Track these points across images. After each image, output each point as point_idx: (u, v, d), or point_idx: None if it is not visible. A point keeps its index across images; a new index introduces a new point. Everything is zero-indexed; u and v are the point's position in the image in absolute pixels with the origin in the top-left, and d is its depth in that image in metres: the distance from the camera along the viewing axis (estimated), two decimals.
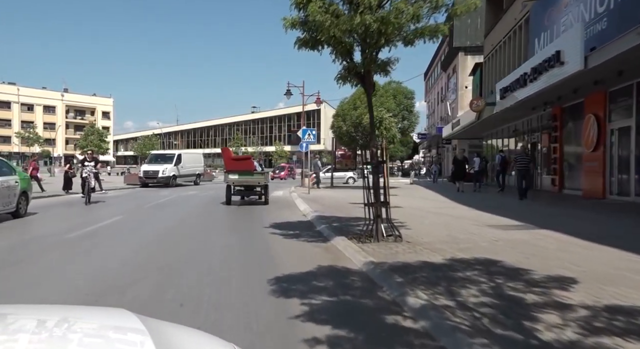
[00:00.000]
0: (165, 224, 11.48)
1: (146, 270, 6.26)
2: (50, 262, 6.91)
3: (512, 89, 17.62)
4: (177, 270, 6.25)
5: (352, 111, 25.04)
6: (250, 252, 7.56)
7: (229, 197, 16.09)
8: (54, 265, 6.70)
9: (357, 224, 9.45)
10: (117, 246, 8.49)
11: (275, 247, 7.96)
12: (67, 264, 6.81)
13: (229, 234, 9.77)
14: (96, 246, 8.30)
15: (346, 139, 25.62)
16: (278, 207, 15.54)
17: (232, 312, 4.44)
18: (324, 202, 15.80)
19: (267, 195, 16.33)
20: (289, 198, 19.74)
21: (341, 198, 17.92)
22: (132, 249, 7.99)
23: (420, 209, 13.59)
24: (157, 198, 19.25)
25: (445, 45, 56.53)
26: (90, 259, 7.22)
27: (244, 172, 15.74)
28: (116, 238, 9.37)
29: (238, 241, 8.79)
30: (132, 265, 6.63)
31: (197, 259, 6.96)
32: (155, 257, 7.22)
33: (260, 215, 13.05)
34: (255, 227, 10.52)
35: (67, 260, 7.11)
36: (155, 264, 6.64)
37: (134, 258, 7.17)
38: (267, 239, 8.73)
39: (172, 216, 13.33)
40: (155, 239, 9.17)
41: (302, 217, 12.40)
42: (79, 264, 6.88)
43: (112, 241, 9.04)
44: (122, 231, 10.31)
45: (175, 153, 32.37)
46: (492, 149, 31.02)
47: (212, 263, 6.70)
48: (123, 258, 7.17)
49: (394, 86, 25.43)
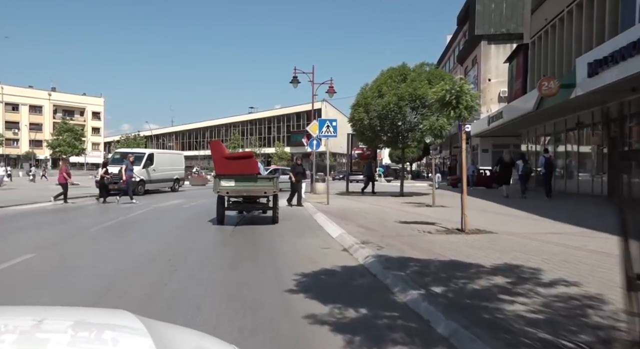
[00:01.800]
0: (105, 270, 6.38)
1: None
2: None
3: (614, 60, 12.67)
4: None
5: (377, 98, 20.11)
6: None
7: (221, 214, 11.12)
8: None
9: (485, 288, 4.46)
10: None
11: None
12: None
13: (215, 317, 4.46)
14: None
15: (369, 135, 20.62)
16: (294, 228, 10.54)
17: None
18: (361, 221, 10.81)
19: (276, 210, 11.36)
20: (302, 211, 14.74)
21: (378, 212, 12.92)
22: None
23: (535, 237, 8.56)
24: (117, 214, 14.11)
25: (461, 35, 51.85)
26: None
27: (244, 177, 10.77)
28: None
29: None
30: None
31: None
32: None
33: (271, 250, 7.97)
34: (267, 288, 5.37)
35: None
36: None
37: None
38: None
39: (123, 251, 8.20)
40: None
41: (345, 257, 7.18)
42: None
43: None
44: (14, 290, 5.27)
45: (145, 152, 26.08)
46: (528, 149, 26.14)
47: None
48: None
49: (429, 69, 20.48)
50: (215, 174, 10.92)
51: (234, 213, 12.88)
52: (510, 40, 41.48)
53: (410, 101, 19.29)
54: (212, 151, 10.93)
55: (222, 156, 10.77)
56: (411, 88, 19.31)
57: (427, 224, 10.08)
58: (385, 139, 20.62)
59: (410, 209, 14.20)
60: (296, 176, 16.56)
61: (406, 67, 21.07)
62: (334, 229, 9.63)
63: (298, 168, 16.93)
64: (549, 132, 23.64)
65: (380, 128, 20.25)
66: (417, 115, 19.34)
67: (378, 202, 16.88)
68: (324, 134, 15.86)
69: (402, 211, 13.53)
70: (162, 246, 8.43)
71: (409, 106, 19.26)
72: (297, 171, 16.76)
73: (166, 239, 9.32)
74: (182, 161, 29.46)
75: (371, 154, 25.17)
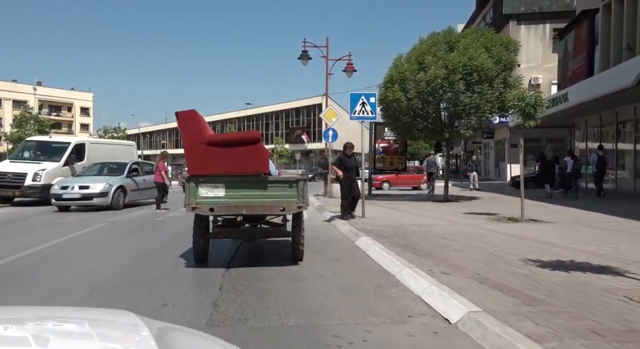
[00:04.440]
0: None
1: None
2: None
3: None
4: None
5: (419, 72, 15.12)
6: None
7: (201, 248, 6.26)
8: None
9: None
10: None
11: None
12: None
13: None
14: None
15: (407, 121, 15.63)
16: (336, 276, 5.50)
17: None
18: (457, 260, 5.80)
19: (300, 237, 6.33)
20: (331, 229, 9.74)
21: (461, 236, 7.93)
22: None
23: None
24: (52, 233, 9.18)
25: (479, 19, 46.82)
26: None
27: (243, 179, 5.85)
28: None
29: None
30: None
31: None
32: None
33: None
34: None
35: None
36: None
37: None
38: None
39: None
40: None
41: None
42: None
43: None
44: None
45: (70, 142, 17.94)
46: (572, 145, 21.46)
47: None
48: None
49: (488, 35, 15.50)
50: (189, 175, 5.91)
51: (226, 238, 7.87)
52: (543, 19, 36.76)
53: (465, 74, 14.34)
54: (183, 129, 5.84)
55: (201, 139, 5.71)
56: (465, 58, 14.35)
57: (594, 270, 5.19)
58: (429, 126, 15.62)
59: (497, 227, 9.27)
60: (346, 172, 10.47)
61: (453, 33, 16.12)
62: (425, 286, 4.67)
63: (349, 161, 10.75)
64: (626, 119, 18.75)
65: (423, 111, 15.27)
66: (474, 93, 14.36)
67: (432, 214, 11.93)
68: (359, 116, 10.85)
69: (491, 231, 8.59)
70: None
71: (463, 81, 14.30)
72: (347, 165, 10.55)
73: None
74: (133, 154, 21.15)
75: (400, 148, 20.13)
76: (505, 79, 14.86)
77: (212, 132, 6.23)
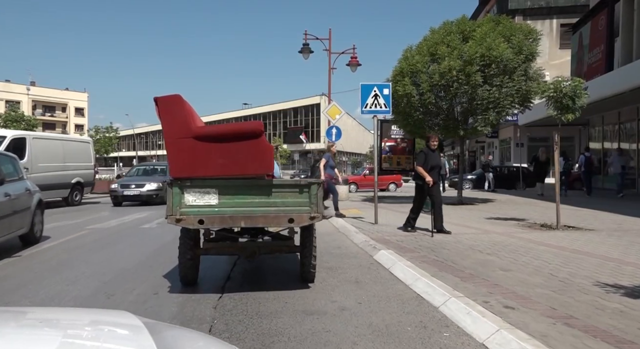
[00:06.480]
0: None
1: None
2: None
3: None
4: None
5: (432, 63, 13.89)
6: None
7: (190, 268, 5.01)
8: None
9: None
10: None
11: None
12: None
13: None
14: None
15: (419, 117, 14.37)
16: (360, 310, 4.25)
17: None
18: (510, 285, 4.57)
19: (312, 254, 5.08)
20: (343, 240, 8.47)
21: (500, 249, 6.68)
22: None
23: None
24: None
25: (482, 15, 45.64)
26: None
27: (240, 183, 4.60)
28: None
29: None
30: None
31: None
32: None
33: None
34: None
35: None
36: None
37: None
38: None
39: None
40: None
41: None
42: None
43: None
44: None
45: (5, 136, 14.22)
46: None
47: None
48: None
49: (506, 24, 14.26)
50: (171, 178, 4.68)
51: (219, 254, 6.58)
52: (550, 14, 35.69)
53: (483, 65, 13.11)
54: (163, 118, 4.48)
55: (188, 132, 4.43)
56: (483, 48, 13.11)
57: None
58: (441, 123, 14.36)
59: (535, 236, 8.02)
60: (431, 172, 8.17)
61: (467, 21, 14.89)
62: (491, 330, 3.43)
63: (434, 157, 8.40)
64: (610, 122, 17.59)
65: (436, 107, 14.03)
66: (493, 86, 13.13)
67: (452, 219, 10.63)
68: (370, 109, 9.59)
69: (531, 242, 7.35)
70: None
71: (480, 73, 13.07)
72: (433, 163, 8.27)
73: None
74: (88, 152, 17.80)
75: (407, 147, 18.87)
76: (526, 70, 13.65)
77: (202, 123, 4.94)
